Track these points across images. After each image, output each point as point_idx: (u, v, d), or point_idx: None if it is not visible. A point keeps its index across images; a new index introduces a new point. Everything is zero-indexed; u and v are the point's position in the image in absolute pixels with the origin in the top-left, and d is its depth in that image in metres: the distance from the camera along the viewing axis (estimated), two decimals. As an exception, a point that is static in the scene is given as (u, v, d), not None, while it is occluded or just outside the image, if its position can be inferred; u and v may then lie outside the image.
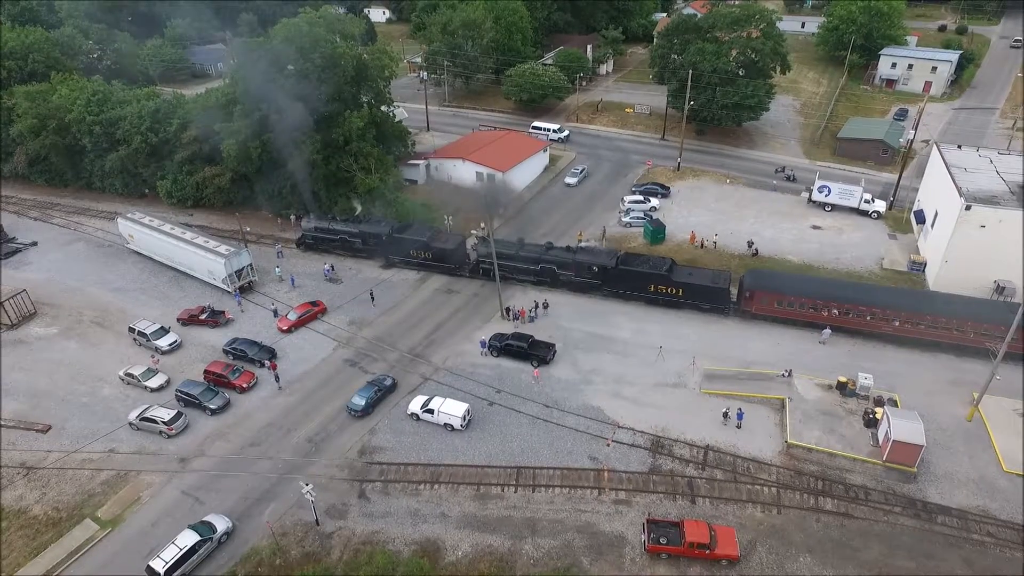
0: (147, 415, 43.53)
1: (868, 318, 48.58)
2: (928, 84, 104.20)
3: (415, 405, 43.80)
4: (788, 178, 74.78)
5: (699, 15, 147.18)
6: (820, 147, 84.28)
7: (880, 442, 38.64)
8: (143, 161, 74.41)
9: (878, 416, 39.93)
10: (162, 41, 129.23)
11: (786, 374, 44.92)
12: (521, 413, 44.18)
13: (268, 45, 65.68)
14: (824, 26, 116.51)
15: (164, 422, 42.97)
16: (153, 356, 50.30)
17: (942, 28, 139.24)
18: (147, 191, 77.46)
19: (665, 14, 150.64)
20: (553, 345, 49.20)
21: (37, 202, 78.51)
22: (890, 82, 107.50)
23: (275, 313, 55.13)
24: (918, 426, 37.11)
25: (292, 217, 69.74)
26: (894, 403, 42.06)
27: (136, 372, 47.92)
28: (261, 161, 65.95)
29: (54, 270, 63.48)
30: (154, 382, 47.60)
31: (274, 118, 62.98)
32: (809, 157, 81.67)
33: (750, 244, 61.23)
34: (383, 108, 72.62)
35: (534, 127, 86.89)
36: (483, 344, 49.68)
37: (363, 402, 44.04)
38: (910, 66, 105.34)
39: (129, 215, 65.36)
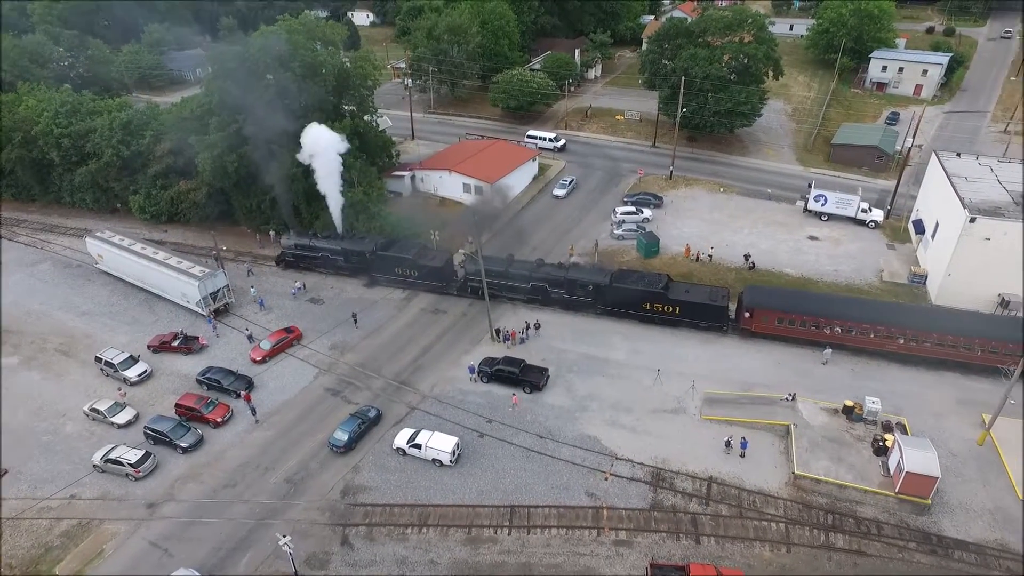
0: (112, 456, 40.67)
1: (872, 336, 46.74)
2: (919, 87, 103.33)
3: (401, 439, 41.31)
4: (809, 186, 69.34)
5: (688, 18, 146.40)
6: (814, 153, 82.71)
7: (892, 472, 36.71)
8: (115, 175, 71.32)
9: (888, 444, 38.01)
10: (139, 46, 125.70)
11: (790, 398, 42.93)
12: (514, 445, 41.83)
13: (245, 54, 62.84)
14: (814, 29, 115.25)
15: (131, 464, 40.13)
16: (120, 389, 47.33)
17: (930, 30, 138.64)
18: (119, 206, 74.31)
19: (653, 17, 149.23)
20: (546, 370, 46.89)
21: (2, 219, 75.04)
22: (880, 85, 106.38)
23: (250, 338, 52.36)
24: (932, 456, 35.21)
25: (271, 233, 66.94)
26: (903, 428, 40.18)
27: (102, 407, 44.99)
28: (238, 175, 63.17)
29: (17, 293, 60.26)
30: (121, 418, 44.71)
31: (252, 130, 60.27)
32: (803, 164, 80.00)
33: (747, 257, 59.31)
34: (366, 117, 70.02)
35: (529, 136, 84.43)
36: (472, 370, 47.27)
37: (346, 437, 41.46)
38: (900, 69, 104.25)
39: (98, 234, 62.26)
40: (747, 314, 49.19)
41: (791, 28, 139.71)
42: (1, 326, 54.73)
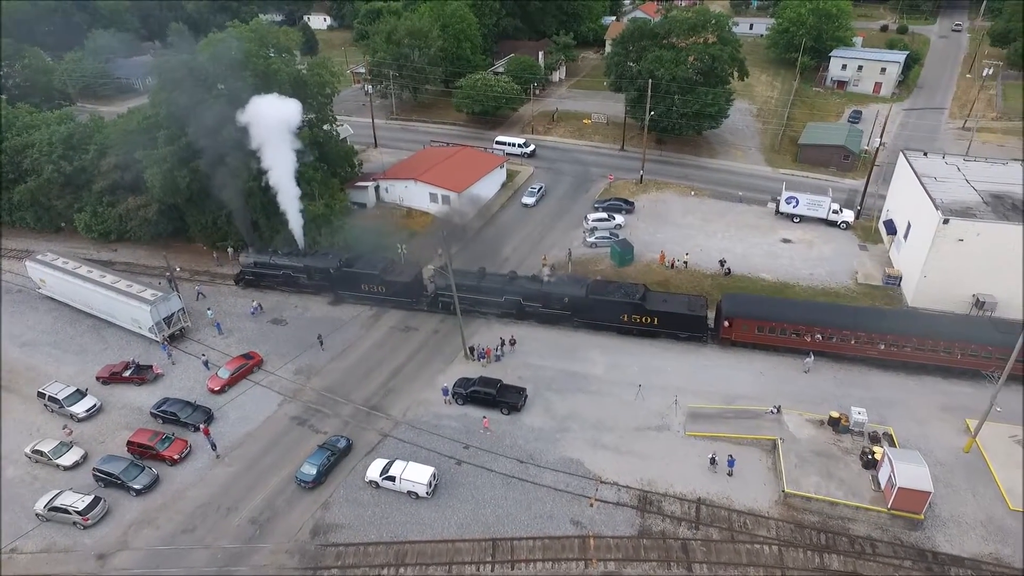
0: (57, 503, 37.34)
1: (853, 342, 46.13)
2: (878, 85, 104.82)
3: (374, 471, 38.92)
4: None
5: (650, 19, 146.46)
6: (781, 154, 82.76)
7: (883, 487, 35.86)
8: (57, 192, 66.87)
9: (877, 456, 37.20)
10: (82, 54, 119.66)
11: (775, 411, 41.90)
12: (493, 472, 39.82)
13: (193, 63, 59.44)
14: (774, 28, 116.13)
15: (78, 511, 36.87)
16: (65, 427, 43.71)
17: (884, 28, 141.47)
18: (63, 225, 69.78)
19: (615, 18, 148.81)
20: (523, 389, 44.98)
21: (-66, 242, 69.86)
22: (841, 83, 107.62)
23: (206, 364, 49.25)
24: (923, 470, 34.44)
25: (229, 250, 63.55)
26: (890, 439, 39.49)
27: (45, 448, 41.46)
28: (191, 191, 59.71)
29: (-49, 324, 55.79)
30: (67, 459, 41.25)
31: (204, 143, 56.95)
32: (771, 165, 79.93)
33: (722, 263, 58.44)
34: (325, 127, 67.15)
35: (498, 142, 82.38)
36: (446, 392, 45.11)
37: (314, 471, 38.88)
38: (860, 67, 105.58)
39: (40, 256, 58.13)
40: (726, 323, 48.17)
41: (751, 27, 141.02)
42: None
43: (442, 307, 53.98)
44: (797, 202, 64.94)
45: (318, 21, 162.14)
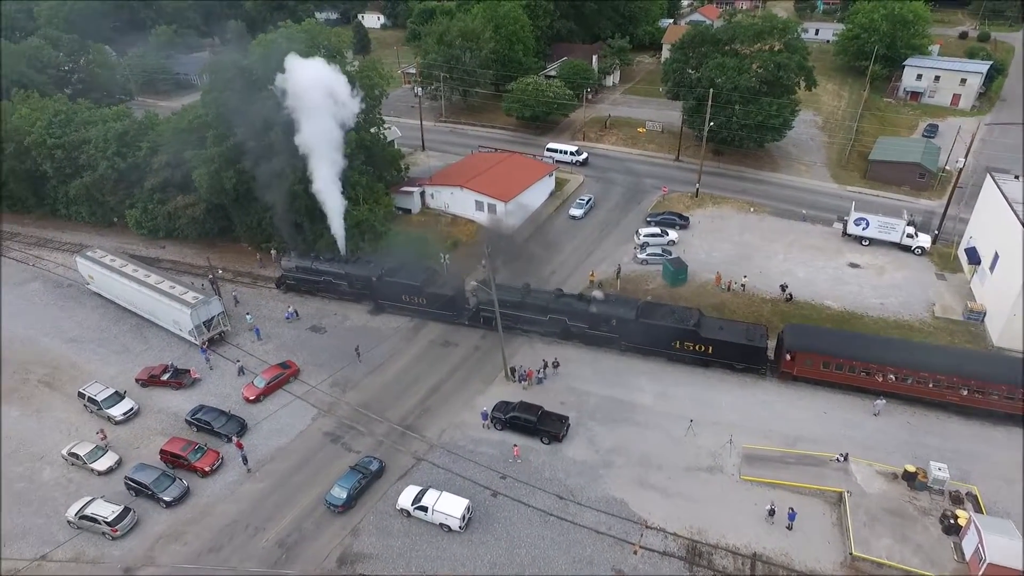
0: (87, 512, 36.79)
1: (930, 385, 42.00)
2: (956, 97, 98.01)
3: (406, 499, 37.11)
4: (913, 224, 61.10)
5: (709, 21, 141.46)
6: (849, 170, 77.73)
7: (967, 558, 32.05)
8: (110, 188, 67.74)
9: (961, 522, 33.35)
10: (144, 50, 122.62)
11: (841, 459, 38.31)
12: (531, 507, 37.51)
13: (243, 64, 59.04)
14: (843, 34, 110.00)
15: (107, 522, 36.23)
16: (100, 432, 43.34)
17: (963, 35, 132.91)
18: (116, 220, 70.74)
19: (672, 20, 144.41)
20: (566, 418, 42.51)
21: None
22: (915, 95, 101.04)
23: (240, 371, 48.48)
24: (1017, 545, 30.55)
25: (273, 252, 63.04)
26: (975, 500, 35.48)
27: (81, 452, 41.17)
28: (236, 192, 59.37)
29: (5, 315, 56.67)
30: (102, 464, 40.85)
31: (251, 144, 56.45)
32: (838, 181, 75.11)
33: (783, 288, 54.62)
34: (372, 130, 65.98)
35: (549, 149, 79.85)
36: (485, 416, 42.98)
37: (344, 495, 37.32)
38: (937, 78, 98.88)
39: (89, 253, 58.64)
40: (788, 356, 44.61)
41: (816, 33, 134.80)
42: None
43: (484, 322, 51.97)
44: (867, 224, 60.41)
45: (372, 20, 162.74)
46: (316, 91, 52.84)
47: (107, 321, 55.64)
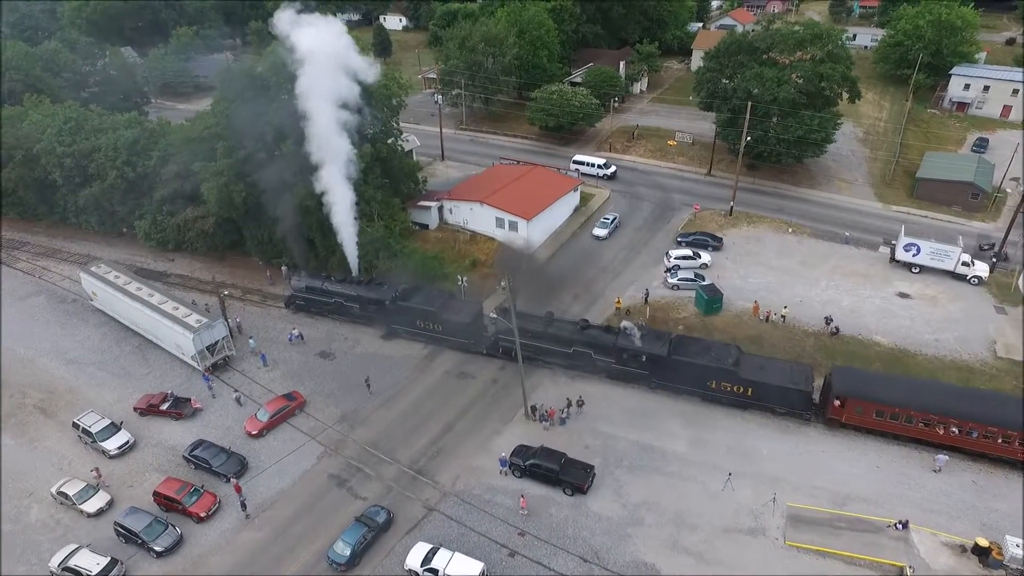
0: (71, 564, 34.07)
1: (1000, 441, 37.72)
2: (1007, 108, 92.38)
3: (414, 558, 33.82)
4: (995, 254, 57.09)
5: (740, 26, 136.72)
6: (893, 187, 72.96)
7: (1054, 657, 27.95)
8: (120, 198, 65.53)
9: (1044, 612, 29.24)
10: (165, 50, 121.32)
11: (900, 526, 34.26)
12: (551, 571, 34.01)
13: (254, 72, 56.37)
14: (885, 41, 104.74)
15: (92, 576, 33.50)
16: (95, 470, 40.58)
17: (1010, 41, 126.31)
18: (125, 230, 68.62)
19: (702, 24, 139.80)
20: (591, 467, 38.90)
21: (6, 240, 70.14)
22: (961, 105, 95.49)
23: (238, 401, 45.67)
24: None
25: (283, 268, 60.27)
26: (1058, 583, 31.28)
27: (71, 491, 38.52)
28: (246, 206, 56.71)
29: (5, 332, 54.58)
30: (92, 505, 38.17)
31: (262, 157, 53.75)
32: (882, 200, 70.42)
33: (828, 320, 50.39)
34: (389, 141, 62.91)
35: (575, 161, 76.19)
36: (503, 463, 39.52)
37: (348, 552, 34.17)
38: (986, 88, 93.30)
39: (93, 268, 56.33)
40: (837, 402, 40.56)
41: (854, 38, 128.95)
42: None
43: (503, 352, 48.60)
44: (918, 250, 55.92)
45: (394, 22, 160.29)
46: (326, 59, 49.50)
47: (109, 341, 53.22)
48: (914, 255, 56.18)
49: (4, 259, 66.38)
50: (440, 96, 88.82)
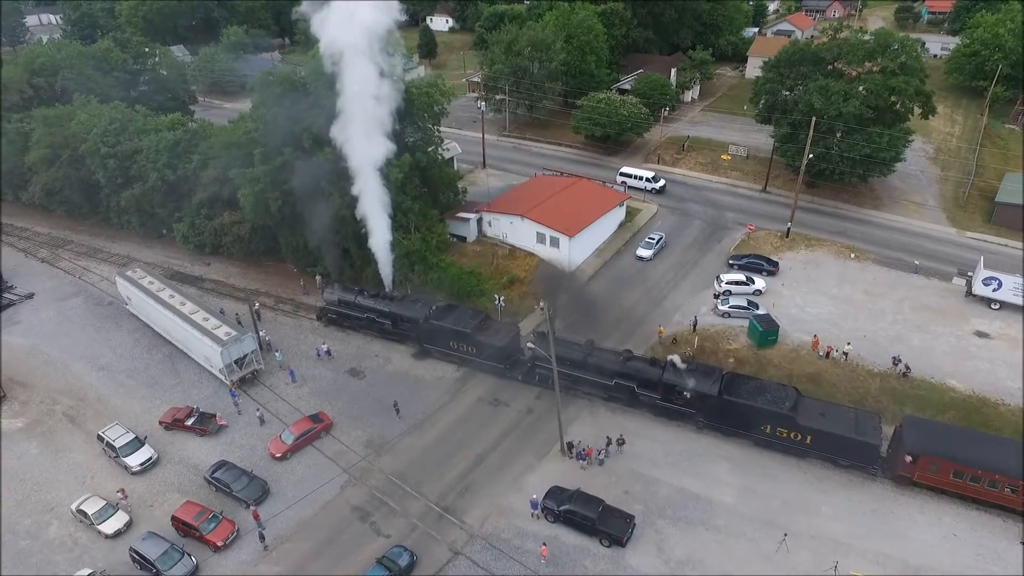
0: (84, 593, 32.85)
1: (1100, 515, 33.24)
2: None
3: (437, 610, 31.47)
4: None
5: (797, 31, 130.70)
6: (968, 211, 67.46)
7: None
8: (160, 200, 65.29)
9: None
10: (215, 49, 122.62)
11: (983, 610, 30.28)
12: (584, 635, 31.22)
13: (293, 77, 55.04)
14: (959, 50, 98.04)
15: (103, 608, 32.17)
16: (121, 491, 39.13)
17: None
18: (164, 232, 68.51)
19: (758, 30, 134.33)
20: (631, 517, 35.86)
21: (51, 238, 70.96)
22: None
23: (261, 421, 44.11)
24: None
25: (318, 277, 58.84)
26: None
27: (90, 510, 37.45)
28: (282, 214, 55.44)
29: (41, 335, 54.57)
30: (110, 526, 37.00)
31: (299, 164, 52.33)
32: (955, 225, 65.08)
33: (896, 361, 46.06)
34: (430, 149, 60.89)
35: (623, 174, 72.89)
36: (535, 505, 36.84)
37: (367, 598, 32.04)
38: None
39: (129, 273, 55.82)
40: (909, 459, 36.54)
41: (922, 46, 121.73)
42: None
43: (539, 380, 45.93)
44: (999, 284, 50.96)
45: (440, 22, 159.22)
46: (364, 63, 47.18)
47: (140, 348, 52.53)
48: (995, 290, 51.21)
49: (47, 257, 66.97)
50: (484, 102, 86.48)
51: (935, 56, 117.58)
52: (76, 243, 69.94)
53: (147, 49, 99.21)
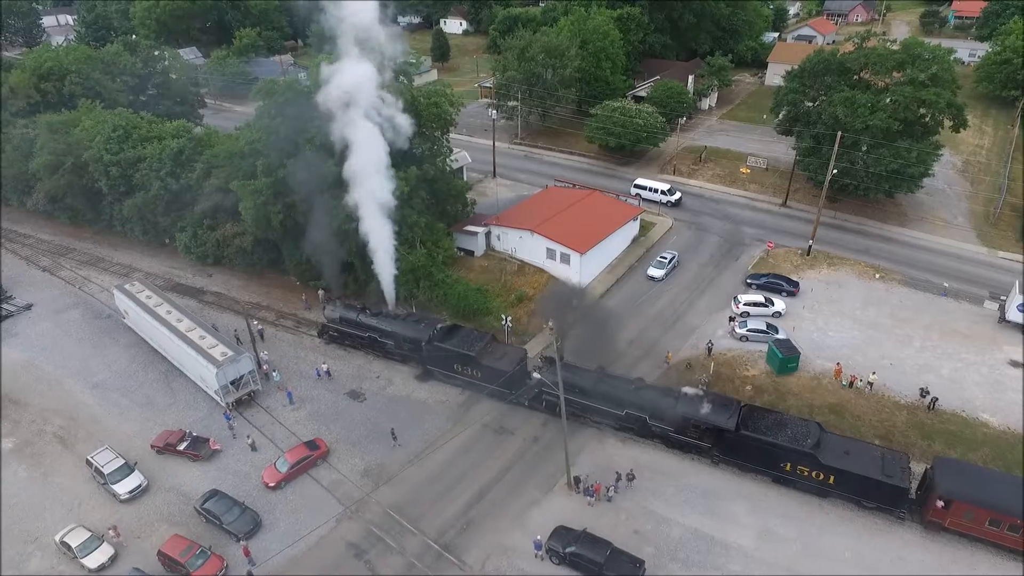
0: (62, 635, 31.24)
1: None
2: None
3: (431, 664, 29.49)
4: None
5: (819, 36, 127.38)
6: (1000, 229, 64.37)
7: None
8: (162, 209, 63.95)
9: None
10: (228, 51, 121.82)
11: None
12: None
13: (299, 87, 53.43)
14: (989, 57, 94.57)
15: (80, 652, 30.52)
16: (113, 528, 37.29)
17: None
18: (167, 241, 67.20)
19: (778, 35, 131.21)
20: (641, 562, 33.66)
21: (53, 245, 69.97)
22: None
23: (252, 447, 42.38)
24: None
25: (320, 292, 57.16)
26: None
27: (74, 542, 35.90)
28: (284, 228, 53.85)
29: (37, 348, 53.32)
30: (93, 560, 35.40)
31: (301, 176, 50.67)
32: (986, 244, 62.09)
33: (924, 392, 43.42)
34: (439, 160, 59.06)
35: (637, 186, 70.60)
36: (538, 547, 34.77)
37: (357, 649, 30.13)
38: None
39: (127, 287, 54.49)
40: (940, 503, 34.03)
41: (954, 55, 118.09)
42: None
43: (546, 407, 43.85)
44: (1036, 311, 48.14)
45: (454, 25, 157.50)
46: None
47: (136, 365, 51.08)
48: (1030, 316, 48.38)
49: (48, 266, 65.93)
50: (495, 111, 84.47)
51: (963, 63, 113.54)
52: (79, 251, 68.92)
53: (156, 52, 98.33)
